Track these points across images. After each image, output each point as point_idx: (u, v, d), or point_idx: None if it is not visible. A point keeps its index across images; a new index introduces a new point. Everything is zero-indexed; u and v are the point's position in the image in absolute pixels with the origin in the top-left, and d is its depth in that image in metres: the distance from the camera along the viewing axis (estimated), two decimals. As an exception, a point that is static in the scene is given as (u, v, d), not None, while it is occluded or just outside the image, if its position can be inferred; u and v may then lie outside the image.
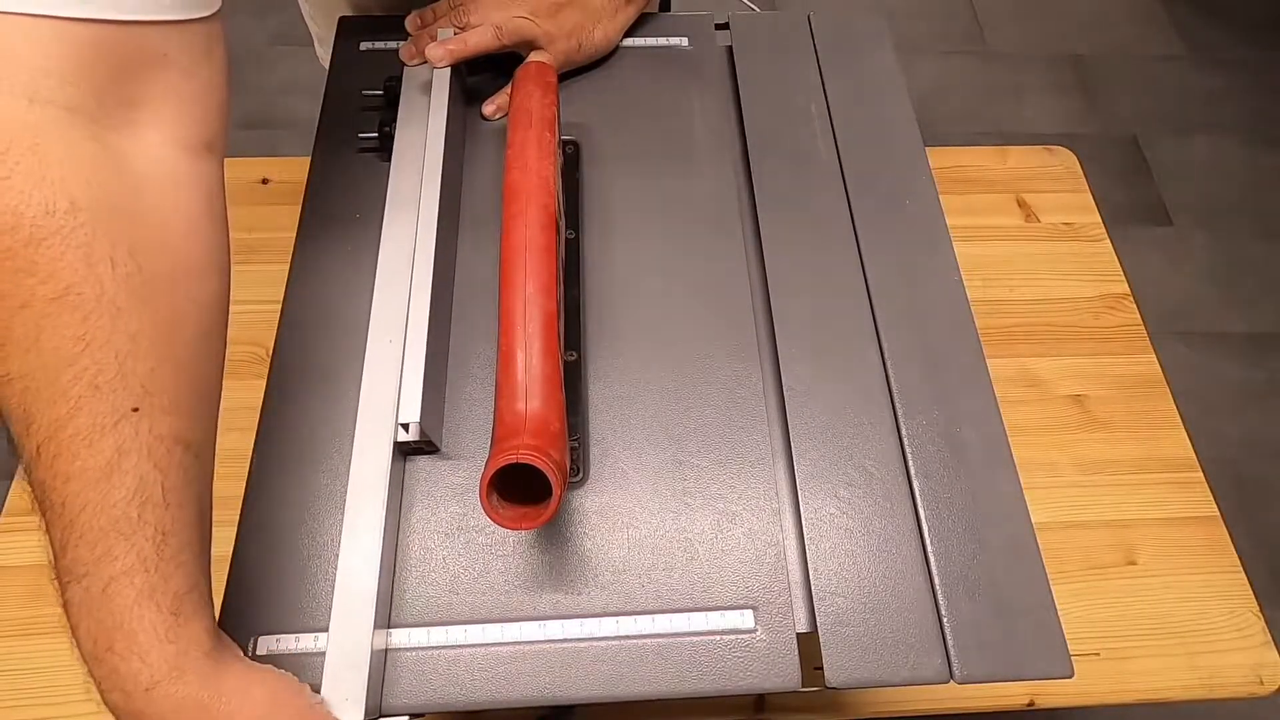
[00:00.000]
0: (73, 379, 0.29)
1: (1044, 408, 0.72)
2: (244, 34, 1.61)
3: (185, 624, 0.31)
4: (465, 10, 0.53)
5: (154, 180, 0.33)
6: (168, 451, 0.31)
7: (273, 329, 0.46)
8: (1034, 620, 0.39)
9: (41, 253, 0.29)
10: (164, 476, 0.31)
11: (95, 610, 0.30)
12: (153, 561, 0.30)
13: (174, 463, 0.31)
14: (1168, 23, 1.79)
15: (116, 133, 0.32)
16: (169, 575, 0.31)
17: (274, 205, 0.79)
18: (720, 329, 0.47)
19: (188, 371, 0.33)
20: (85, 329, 0.29)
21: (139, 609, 0.30)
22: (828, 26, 0.60)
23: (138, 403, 0.30)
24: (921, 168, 0.54)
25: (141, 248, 0.31)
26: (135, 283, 0.31)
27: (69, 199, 0.29)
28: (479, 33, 0.51)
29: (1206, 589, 0.64)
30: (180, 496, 0.32)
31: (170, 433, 0.31)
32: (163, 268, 0.32)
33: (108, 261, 0.30)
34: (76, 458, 0.29)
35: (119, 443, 0.30)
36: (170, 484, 0.31)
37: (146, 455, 0.30)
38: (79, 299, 0.29)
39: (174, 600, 0.31)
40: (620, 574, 0.40)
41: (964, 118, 1.62)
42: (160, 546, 0.30)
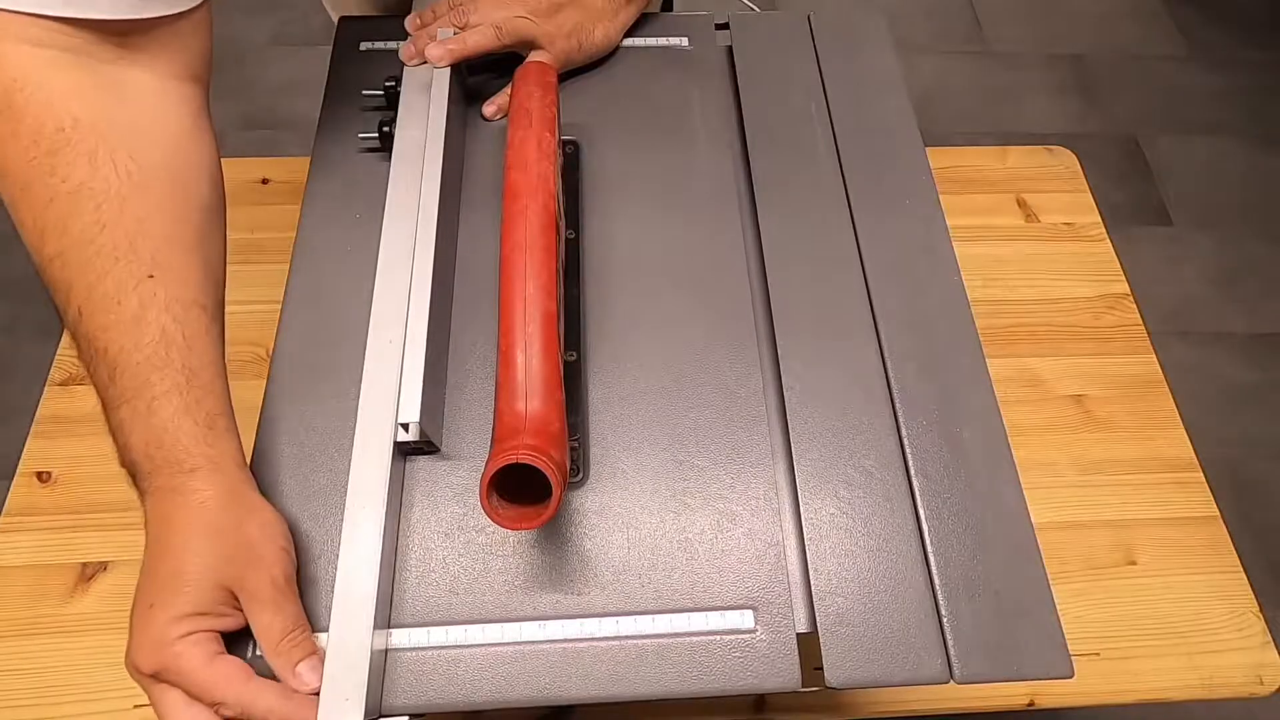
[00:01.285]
0: (95, 252, 0.36)
1: (1044, 408, 0.72)
2: (244, 34, 1.61)
3: (219, 437, 0.38)
4: (465, 10, 0.53)
5: (146, 99, 0.40)
6: (183, 308, 0.38)
7: (273, 329, 0.46)
8: (1034, 620, 0.39)
9: (59, 159, 0.37)
10: (183, 328, 0.37)
11: (143, 422, 0.36)
12: (184, 388, 0.37)
13: (190, 317, 0.38)
14: (1168, 23, 1.79)
15: (111, 65, 0.39)
16: (200, 398, 0.37)
17: (274, 205, 0.79)
18: (720, 329, 0.47)
19: (191, 248, 0.39)
20: (99, 215, 0.37)
21: (179, 419, 0.36)
22: (828, 26, 0.60)
23: (151, 271, 0.37)
24: (921, 168, 0.54)
25: (139, 151, 0.38)
26: (137, 178, 0.38)
27: (73, 117, 0.37)
28: (479, 32, 0.51)
29: (1206, 589, 0.64)
30: (199, 343, 0.38)
31: (183, 296, 0.38)
32: (159, 166, 0.39)
33: (110, 162, 0.37)
34: (110, 311, 0.36)
35: (141, 299, 0.37)
36: (190, 333, 0.38)
37: (165, 310, 0.37)
38: (90, 191, 0.37)
39: (208, 417, 0.37)
40: (620, 574, 0.40)
41: (964, 118, 1.62)
42: (190, 377, 0.37)
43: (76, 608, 0.59)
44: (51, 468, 0.65)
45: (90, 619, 0.59)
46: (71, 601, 0.60)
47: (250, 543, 0.36)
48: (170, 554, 0.35)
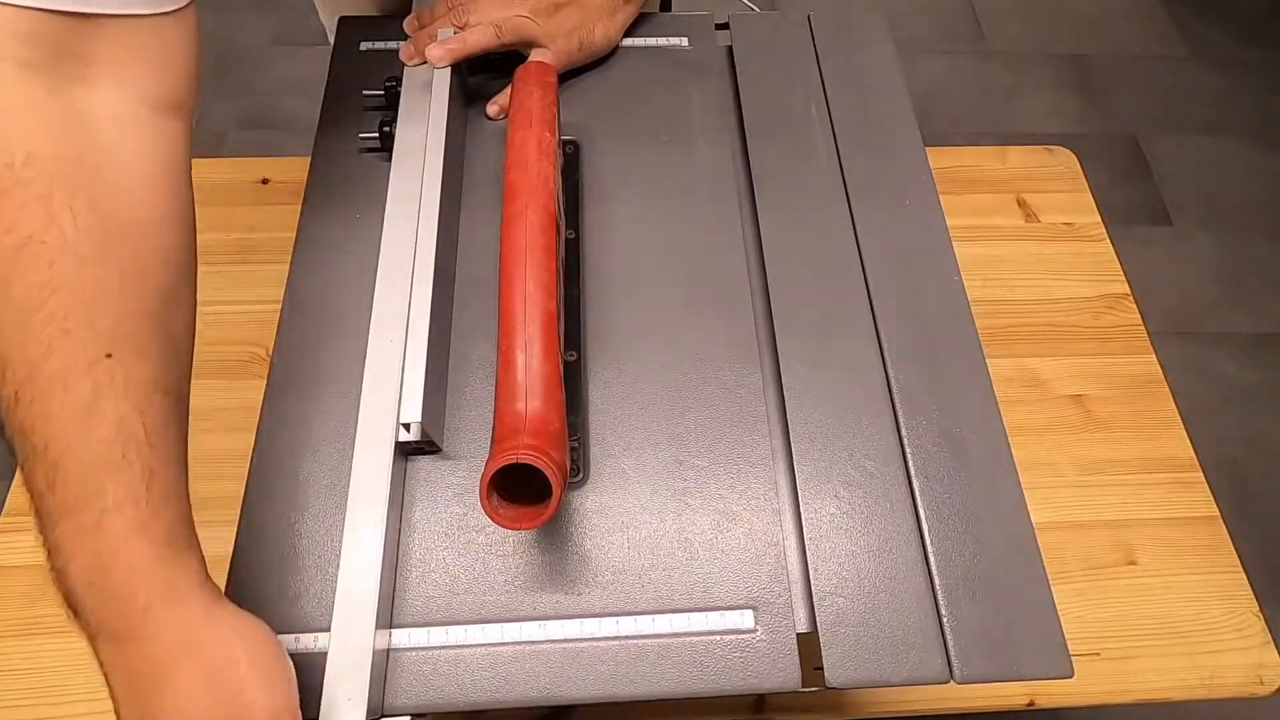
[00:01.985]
0: (43, 322, 0.30)
1: (1044, 408, 0.72)
2: (244, 34, 1.61)
3: (178, 554, 0.32)
4: (465, 10, 0.53)
5: (113, 135, 0.33)
6: (145, 395, 0.32)
7: (273, 329, 0.46)
8: (1034, 620, 0.39)
9: (5, 203, 0.30)
10: (143, 417, 0.31)
11: (89, 543, 0.30)
12: (143, 496, 0.31)
13: (152, 405, 0.32)
14: (1168, 23, 1.79)
15: (74, 87, 0.32)
16: (159, 510, 0.31)
17: (274, 205, 0.78)
18: (720, 329, 0.47)
19: (157, 321, 0.33)
20: (50, 275, 0.30)
21: (133, 539, 0.30)
22: (828, 26, 0.60)
23: (109, 348, 0.31)
24: (921, 168, 0.54)
25: (101, 199, 0.32)
26: (97, 234, 0.31)
27: (26, 151, 0.30)
28: (479, 32, 0.51)
29: (1206, 589, 0.64)
30: (161, 436, 0.32)
31: (145, 377, 0.32)
32: (124, 220, 0.33)
33: (68, 211, 0.31)
34: (54, 398, 0.30)
35: (95, 384, 0.30)
36: (150, 424, 0.31)
37: (124, 397, 0.31)
38: (42, 247, 0.30)
39: (166, 531, 0.31)
40: (620, 574, 0.40)
41: (964, 118, 1.62)
42: (149, 481, 0.31)
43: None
44: (52, 468, 0.64)
45: (90, 619, 0.59)
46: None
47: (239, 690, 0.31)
48: None
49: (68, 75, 0.32)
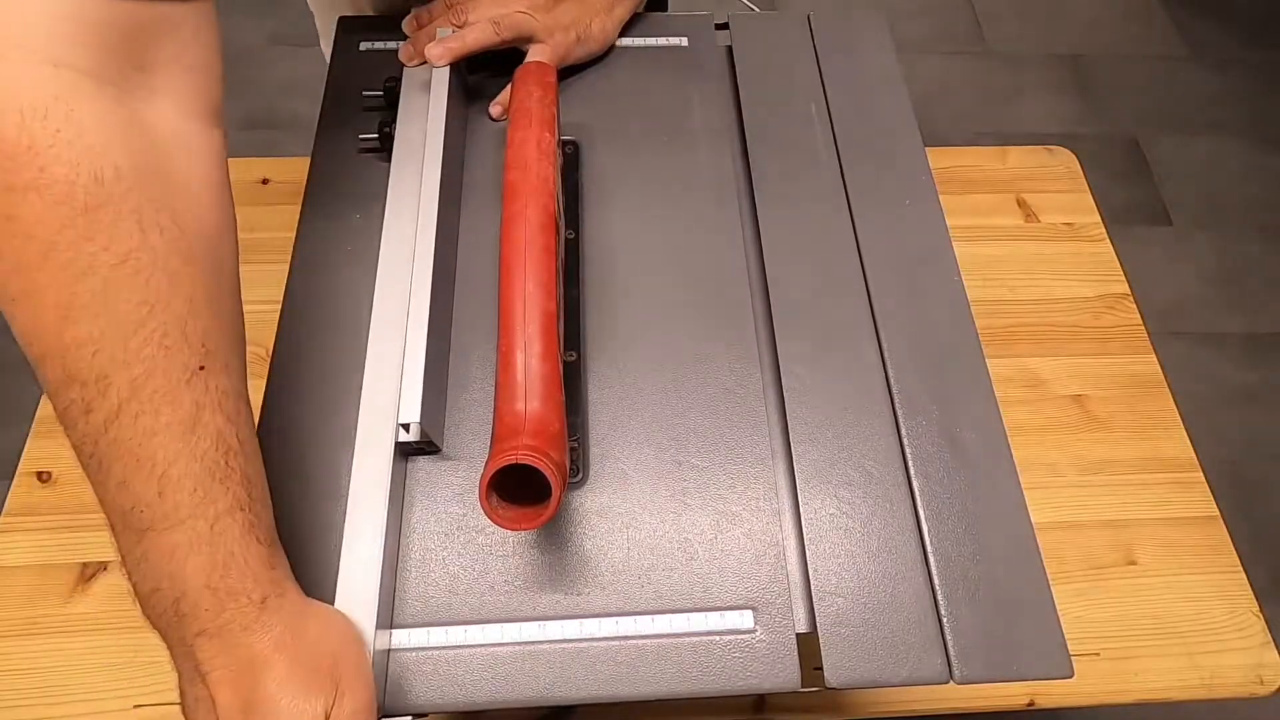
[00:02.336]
0: (143, 341, 0.30)
1: (1044, 408, 0.72)
2: (244, 34, 1.61)
3: (277, 553, 0.34)
4: (462, 9, 0.53)
5: (177, 146, 0.34)
6: (234, 405, 0.33)
7: (273, 329, 0.46)
8: (1034, 620, 0.39)
9: (98, 220, 0.30)
10: (236, 427, 0.33)
11: (207, 546, 0.31)
12: (246, 501, 0.33)
13: (240, 415, 0.34)
14: (1168, 23, 1.79)
15: (135, 98, 0.32)
16: (260, 513, 0.34)
17: (274, 205, 0.78)
18: (720, 329, 0.47)
19: (233, 329, 0.35)
20: (148, 293, 0.31)
21: (246, 539, 0.32)
22: (828, 26, 0.60)
23: (202, 361, 0.32)
24: (921, 168, 0.54)
25: (181, 213, 0.33)
26: (182, 246, 0.32)
27: (113, 166, 0.30)
28: (477, 29, 0.51)
29: (1206, 589, 0.64)
30: (250, 445, 0.34)
31: (233, 387, 0.34)
32: (200, 231, 0.34)
33: (157, 227, 0.31)
34: (160, 413, 0.31)
35: (195, 398, 0.32)
36: (242, 434, 0.33)
37: (219, 409, 0.32)
38: (138, 264, 0.30)
39: (268, 533, 0.34)
40: (620, 574, 0.40)
41: (964, 118, 1.62)
42: (250, 488, 0.33)
43: (76, 608, 0.59)
44: (51, 468, 0.64)
45: (90, 619, 0.59)
46: (71, 601, 0.60)
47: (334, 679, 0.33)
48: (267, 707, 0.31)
49: (126, 85, 0.32)
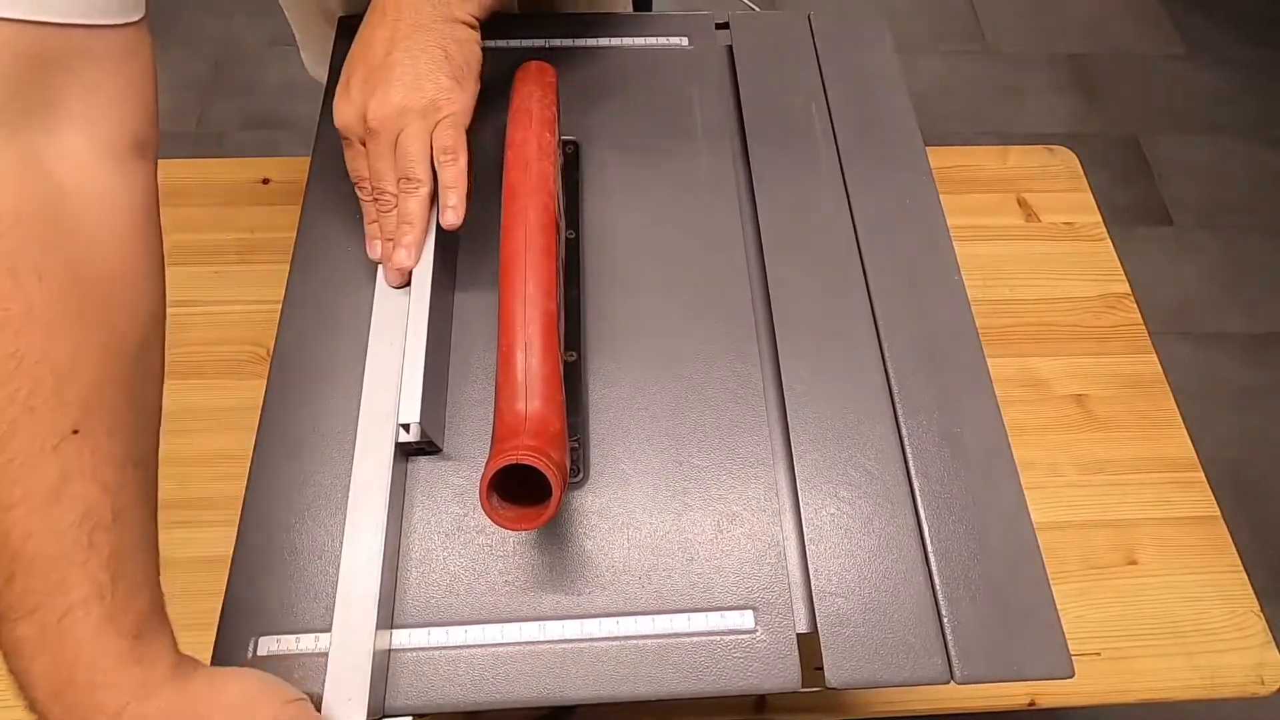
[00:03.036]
0: (6, 400, 0.27)
1: (1044, 408, 0.72)
2: (244, 34, 1.62)
3: (148, 644, 0.30)
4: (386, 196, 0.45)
5: (80, 186, 0.31)
6: (115, 472, 0.30)
7: (273, 329, 0.46)
8: (1034, 620, 0.39)
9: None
10: (112, 498, 0.29)
11: (52, 645, 0.27)
12: (108, 587, 0.28)
13: (122, 483, 0.30)
14: (1168, 22, 1.79)
15: (34, 135, 0.30)
16: (127, 599, 0.29)
17: (274, 205, 0.78)
18: (720, 329, 0.47)
19: (129, 388, 0.31)
20: (16, 346, 0.27)
21: (100, 637, 0.28)
22: (828, 26, 0.60)
23: (77, 424, 0.28)
24: (921, 168, 0.54)
25: (73, 258, 0.30)
26: (69, 296, 0.29)
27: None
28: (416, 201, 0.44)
29: (1207, 589, 0.64)
30: (131, 516, 0.30)
31: (116, 452, 0.30)
32: (96, 280, 0.30)
33: (35, 274, 0.28)
34: (17, 484, 0.27)
35: (62, 466, 0.28)
36: (120, 504, 0.29)
37: (92, 478, 0.29)
38: (6, 314, 0.27)
39: (134, 623, 0.29)
40: (620, 574, 0.40)
41: (964, 118, 1.62)
42: (116, 571, 0.29)
43: None
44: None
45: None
46: None
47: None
48: None
49: (27, 122, 0.30)
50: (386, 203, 0.44)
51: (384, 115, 0.42)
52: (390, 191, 0.44)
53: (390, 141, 0.43)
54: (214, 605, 0.38)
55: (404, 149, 0.43)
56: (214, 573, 0.38)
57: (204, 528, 0.60)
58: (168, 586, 0.32)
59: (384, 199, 0.44)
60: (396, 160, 0.43)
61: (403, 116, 0.43)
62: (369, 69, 0.43)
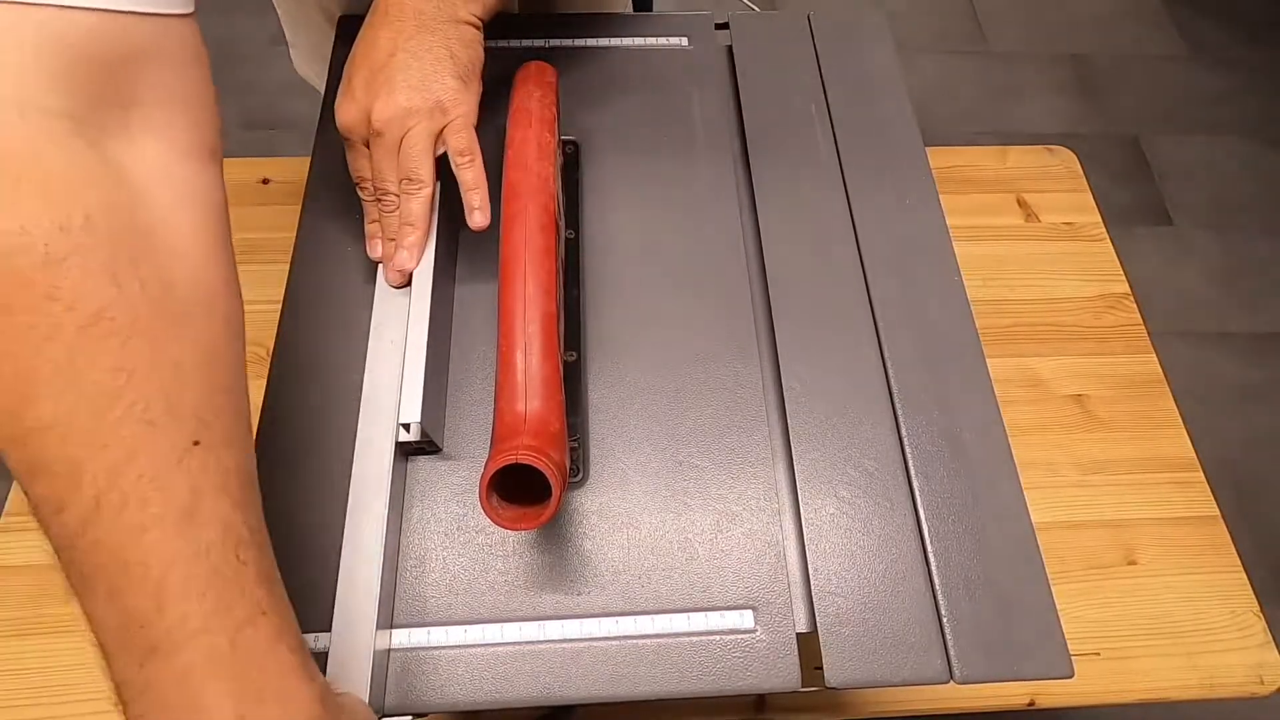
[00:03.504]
0: (121, 416, 0.25)
1: (1044, 408, 0.72)
2: (244, 34, 1.61)
3: (307, 659, 0.29)
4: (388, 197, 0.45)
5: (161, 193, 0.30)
6: (240, 483, 0.28)
7: (273, 329, 0.46)
8: (1034, 620, 0.39)
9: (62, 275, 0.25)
10: (244, 514, 0.28)
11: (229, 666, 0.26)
12: (268, 602, 0.28)
13: (248, 498, 0.29)
14: (1169, 22, 1.79)
15: (115, 139, 0.29)
16: (284, 614, 0.29)
17: (274, 205, 0.79)
18: (720, 329, 0.47)
19: (233, 398, 0.30)
20: (125, 358, 0.26)
21: (275, 654, 0.27)
22: (828, 26, 0.61)
23: (197, 436, 0.27)
24: (921, 168, 0.54)
25: (166, 266, 0.28)
26: (167, 304, 0.28)
27: (84, 213, 0.26)
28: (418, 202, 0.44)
29: (1206, 589, 0.64)
30: (263, 533, 0.29)
31: (236, 464, 0.29)
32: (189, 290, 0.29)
33: (136, 282, 0.27)
34: (149, 504, 0.25)
35: (192, 482, 0.26)
36: (252, 521, 0.29)
37: (223, 492, 0.27)
38: (112, 324, 0.26)
39: (297, 638, 0.29)
40: (620, 574, 0.40)
41: (964, 118, 1.62)
42: (270, 586, 0.28)
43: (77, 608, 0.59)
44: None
45: (91, 619, 0.59)
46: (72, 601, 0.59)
47: None
48: None
49: (105, 125, 0.28)
50: (389, 203, 0.45)
51: (389, 116, 0.42)
52: (393, 192, 0.44)
53: (394, 142, 0.43)
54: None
55: (407, 150, 0.43)
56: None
57: (204, 527, 0.60)
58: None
59: (386, 200, 0.45)
60: (399, 161, 0.43)
61: (408, 118, 0.43)
62: (372, 70, 0.43)
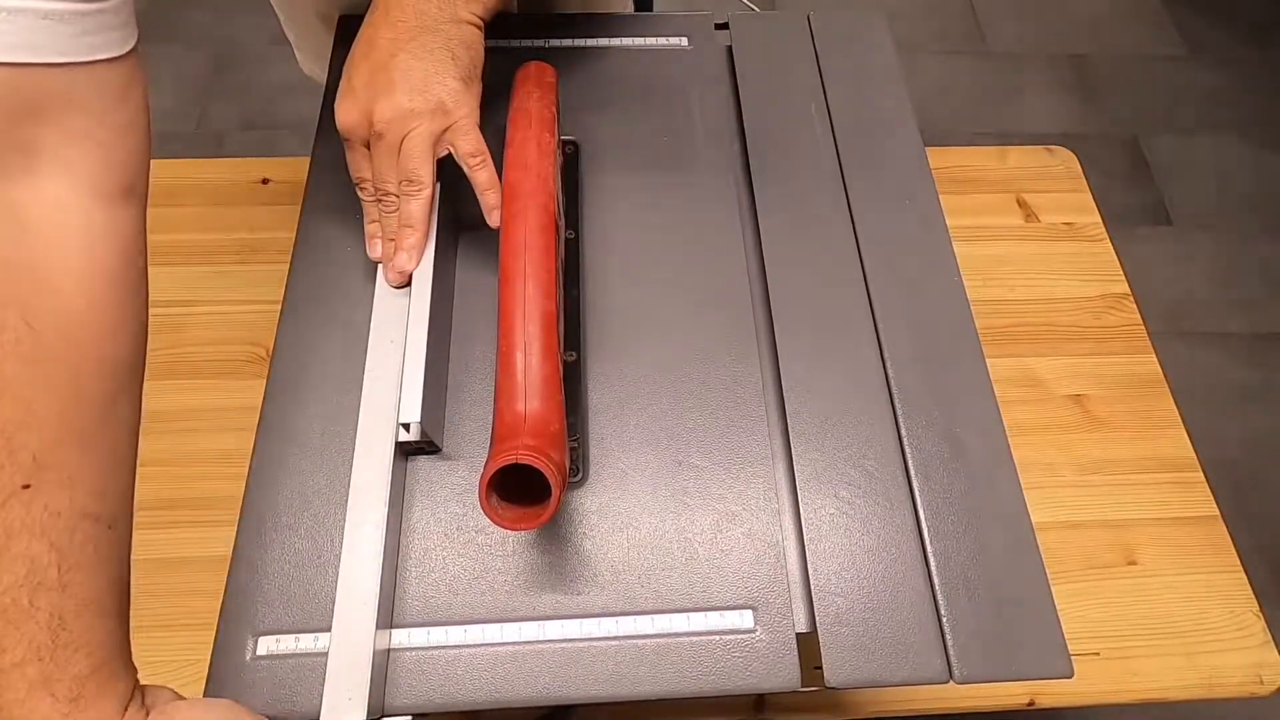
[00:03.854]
0: None
1: (1044, 408, 0.72)
2: (244, 34, 1.61)
3: (87, 707, 0.29)
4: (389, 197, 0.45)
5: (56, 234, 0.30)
6: (68, 528, 0.29)
7: (273, 329, 0.46)
8: (1034, 620, 0.39)
9: None
10: (61, 556, 0.28)
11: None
12: (47, 649, 0.28)
13: (76, 539, 0.29)
14: (1168, 22, 1.79)
15: (11, 182, 0.29)
16: (66, 661, 0.28)
17: (274, 205, 0.79)
18: (720, 329, 0.47)
19: (91, 440, 0.30)
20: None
21: (32, 701, 0.27)
22: (828, 26, 0.61)
23: (29, 479, 0.28)
24: (921, 168, 0.54)
25: (35, 308, 0.29)
26: (26, 347, 0.28)
27: None
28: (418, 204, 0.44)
29: (1206, 589, 0.64)
30: (83, 574, 0.29)
31: (71, 507, 0.29)
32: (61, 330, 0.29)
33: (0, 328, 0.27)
34: None
35: (6, 524, 0.27)
36: (70, 562, 0.29)
37: (40, 535, 0.28)
38: None
39: (73, 685, 0.28)
40: (620, 574, 0.40)
41: (964, 118, 1.62)
42: (56, 632, 0.28)
43: None
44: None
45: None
46: None
47: None
48: None
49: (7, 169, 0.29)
50: (389, 204, 0.45)
51: (390, 118, 0.42)
52: (393, 193, 0.44)
53: (395, 143, 0.43)
54: (214, 605, 0.38)
55: (407, 151, 0.43)
56: (214, 573, 0.39)
57: (204, 528, 0.60)
58: (168, 586, 0.32)
59: (387, 200, 0.45)
60: (399, 162, 0.43)
61: (409, 119, 0.43)
62: (372, 70, 0.43)
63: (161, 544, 0.60)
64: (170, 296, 0.71)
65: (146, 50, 0.33)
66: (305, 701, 0.36)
